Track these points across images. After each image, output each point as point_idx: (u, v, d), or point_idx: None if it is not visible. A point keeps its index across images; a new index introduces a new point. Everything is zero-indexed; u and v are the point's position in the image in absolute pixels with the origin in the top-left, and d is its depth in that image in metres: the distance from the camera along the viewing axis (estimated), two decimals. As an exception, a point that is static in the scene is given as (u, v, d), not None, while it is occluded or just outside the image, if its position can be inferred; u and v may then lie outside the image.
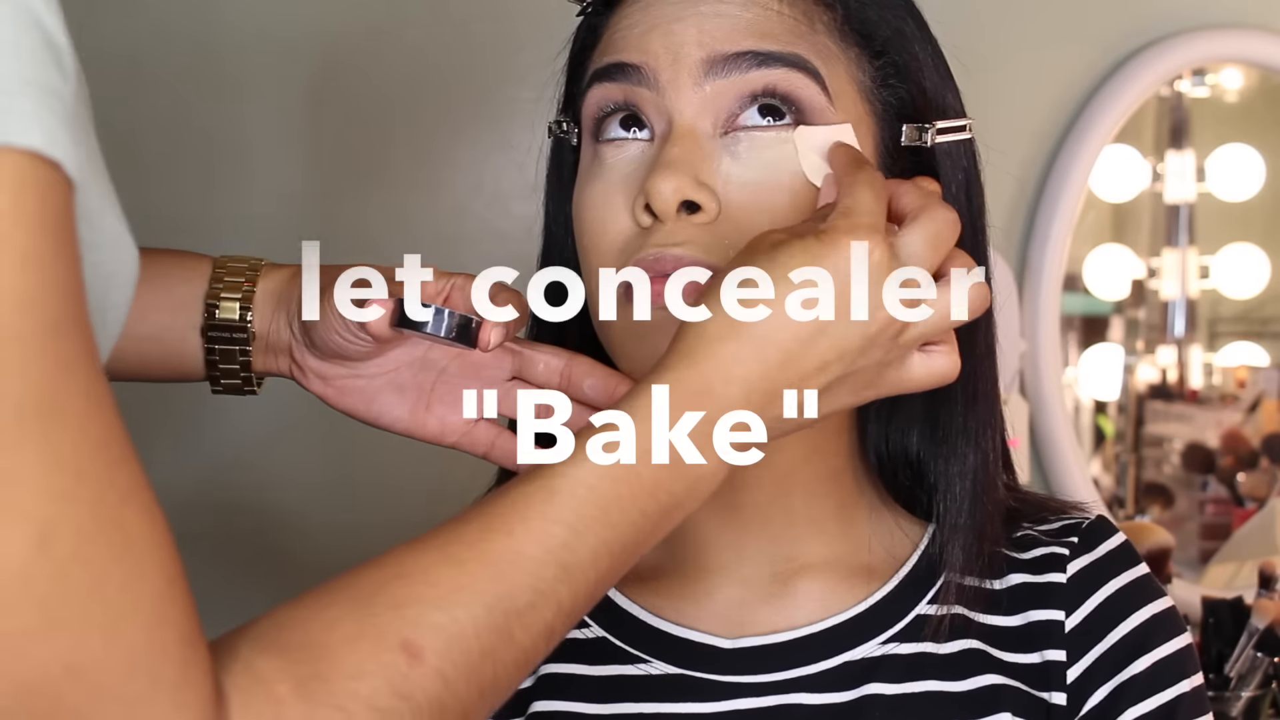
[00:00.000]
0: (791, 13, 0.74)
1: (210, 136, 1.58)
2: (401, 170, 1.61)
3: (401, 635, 0.53)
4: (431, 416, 0.79)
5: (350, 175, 1.61)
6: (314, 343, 0.78)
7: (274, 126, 1.58)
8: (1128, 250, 1.97)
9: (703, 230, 0.71)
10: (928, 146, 0.76)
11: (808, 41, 0.74)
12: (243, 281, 0.81)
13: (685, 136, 0.72)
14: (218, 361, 0.81)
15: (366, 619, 0.53)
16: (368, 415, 0.80)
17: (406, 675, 0.53)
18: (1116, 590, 0.79)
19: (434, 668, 0.53)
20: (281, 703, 0.50)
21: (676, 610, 0.80)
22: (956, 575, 0.78)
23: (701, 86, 0.73)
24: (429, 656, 0.53)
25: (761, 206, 0.72)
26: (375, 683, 0.52)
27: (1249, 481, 1.96)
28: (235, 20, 1.57)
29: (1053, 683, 0.78)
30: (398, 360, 0.79)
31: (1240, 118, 2.02)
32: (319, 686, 0.51)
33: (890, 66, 0.76)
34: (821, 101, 0.73)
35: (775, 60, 0.73)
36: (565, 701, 0.78)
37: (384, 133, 1.61)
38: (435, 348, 0.79)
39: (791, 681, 0.77)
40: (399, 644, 0.53)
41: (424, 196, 1.62)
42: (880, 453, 0.83)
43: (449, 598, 0.55)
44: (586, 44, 0.80)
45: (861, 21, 0.76)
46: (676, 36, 0.73)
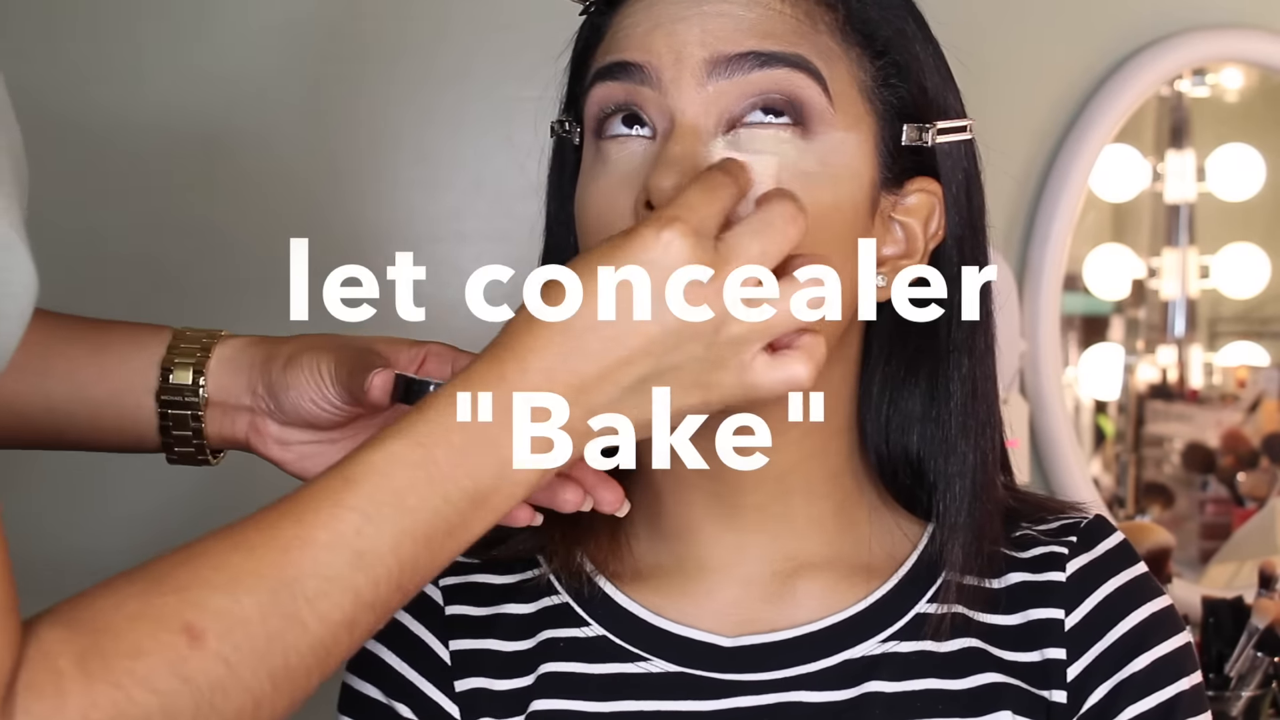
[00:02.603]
0: (794, 13, 0.74)
1: (209, 135, 1.57)
2: (402, 169, 1.61)
3: (184, 617, 0.54)
4: None
5: (350, 174, 1.61)
6: (281, 408, 0.79)
7: (274, 125, 1.58)
8: (1128, 250, 1.97)
9: None
10: (928, 146, 0.76)
11: (810, 42, 0.74)
12: (197, 348, 0.82)
13: (687, 134, 0.72)
14: (171, 427, 0.82)
15: (152, 600, 0.54)
16: None
17: (186, 657, 0.53)
18: (1116, 589, 0.79)
19: (215, 651, 0.54)
20: (62, 675, 0.51)
21: (677, 609, 0.80)
22: (956, 574, 0.79)
23: (704, 86, 0.73)
24: (210, 639, 0.54)
25: None
26: (154, 662, 0.52)
27: (1249, 481, 1.96)
28: (234, 16, 1.57)
29: (1052, 681, 0.78)
30: (362, 425, 0.80)
31: (1240, 118, 2.02)
32: (99, 663, 0.51)
33: (891, 66, 0.76)
34: (823, 102, 0.73)
35: (777, 61, 0.73)
36: (565, 700, 0.78)
37: (384, 132, 1.61)
38: (401, 410, 0.79)
39: (791, 680, 0.78)
40: (180, 626, 0.53)
41: (425, 196, 1.62)
42: (880, 452, 0.83)
43: (234, 582, 0.55)
44: (589, 43, 0.80)
45: (863, 21, 0.76)
46: (679, 36, 0.73)
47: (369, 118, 1.61)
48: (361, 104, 1.61)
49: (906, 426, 0.81)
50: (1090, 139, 1.79)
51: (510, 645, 0.80)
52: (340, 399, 0.76)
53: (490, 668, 0.79)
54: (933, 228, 0.78)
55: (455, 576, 0.82)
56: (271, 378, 0.79)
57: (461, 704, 0.79)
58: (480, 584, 0.82)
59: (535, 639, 0.80)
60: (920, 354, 0.80)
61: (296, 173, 1.59)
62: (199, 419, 0.81)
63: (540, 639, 0.80)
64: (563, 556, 0.81)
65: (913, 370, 0.81)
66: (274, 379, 0.79)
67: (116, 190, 1.54)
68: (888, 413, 0.81)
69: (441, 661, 0.80)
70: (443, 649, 0.80)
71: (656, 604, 0.80)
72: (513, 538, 0.82)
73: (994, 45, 1.75)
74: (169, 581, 0.55)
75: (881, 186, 0.76)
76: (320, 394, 0.76)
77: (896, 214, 0.77)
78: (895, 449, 0.82)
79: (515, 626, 0.81)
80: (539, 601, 0.81)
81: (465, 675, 0.79)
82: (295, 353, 0.77)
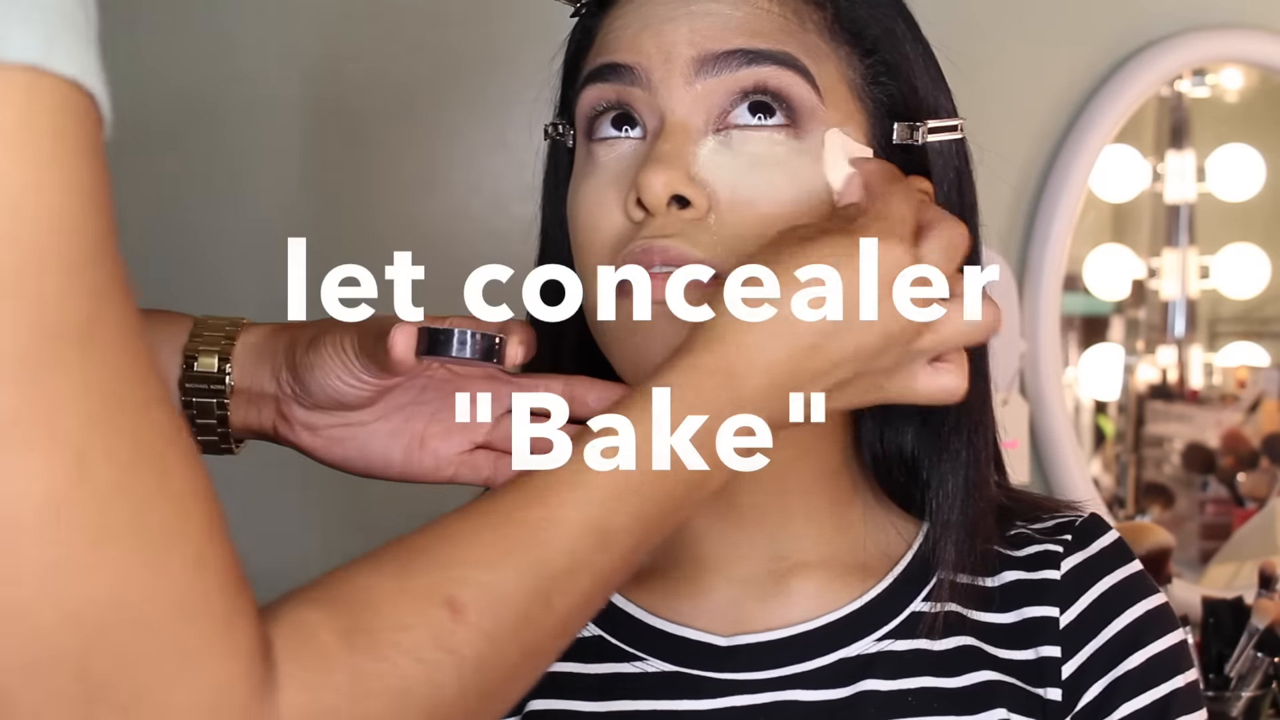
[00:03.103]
0: (782, 11, 0.74)
1: (206, 134, 1.58)
2: (400, 171, 1.61)
3: (445, 592, 0.54)
4: (426, 454, 0.79)
5: (349, 176, 1.61)
6: (308, 391, 0.78)
7: (273, 127, 1.58)
8: (1128, 250, 1.97)
9: (692, 225, 0.72)
10: (919, 145, 0.77)
11: (798, 40, 0.74)
12: (221, 336, 0.81)
13: (677, 132, 0.73)
14: (195, 416, 0.81)
15: (411, 577, 0.54)
16: (361, 463, 0.79)
17: (452, 630, 0.53)
18: (1110, 587, 0.79)
19: (476, 624, 0.54)
20: (327, 652, 0.50)
21: (672, 608, 0.80)
22: (949, 572, 0.79)
23: (693, 85, 0.73)
24: (471, 613, 0.54)
25: (751, 204, 0.72)
26: (419, 635, 0.53)
27: (1249, 481, 1.96)
28: (232, 14, 1.57)
29: (1048, 678, 0.78)
30: (391, 404, 0.79)
31: (1240, 118, 2.02)
32: (364, 638, 0.51)
33: (881, 65, 0.76)
34: (812, 100, 0.73)
35: (765, 58, 0.73)
36: (562, 700, 0.78)
37: (382, 133, 1.61)
38: (429, 388, 0.79)
39: (787, 678, 0.78)
40: (443, 600, 0.54)
41: (422, 197, 1.63)
42: (875, 451, 0.83)
43: (491, 559, 0.56)
44: (581, 45, 0.80)
45: (851, 20, 0.76)
46: (668, 36, 0.74)
47: (369, 117, 1.62)
48: (361, 104, 1.61)
49: (901, 425, 0.81)
50: (1090, 139, 1.79)
51: (506, 644, 0.80)
52: (367, 371, 0.75)
53: (486, 667, 0.79)
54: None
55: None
56: (296, 360, 0.79)
57: (457, 703, 0.79)
58: (476, 583, 0.82)
59: (531, 638, 0.80)
60: None
61: (296, 172, 1.59)
62: (224, 406, 0.80)
63: (536, 638, 0.80)
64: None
65: None
66: (298, 361, 0.78)
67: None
68: (882, 411, 0.81)
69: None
70: (439, 648, 0.80)
71: (652, 603, 0.80)
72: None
73: (994, 45, 1.75)
74: (424, 559, 0.55)
75: None
76: (346, 369, 0.76)
77: None
78: (890, 448, 0.82)
79: (511, 626, 0.80)
80: (535, 601, 0.81)
81: (461, 675, 0.79)
82: (318, 333, 0.76)
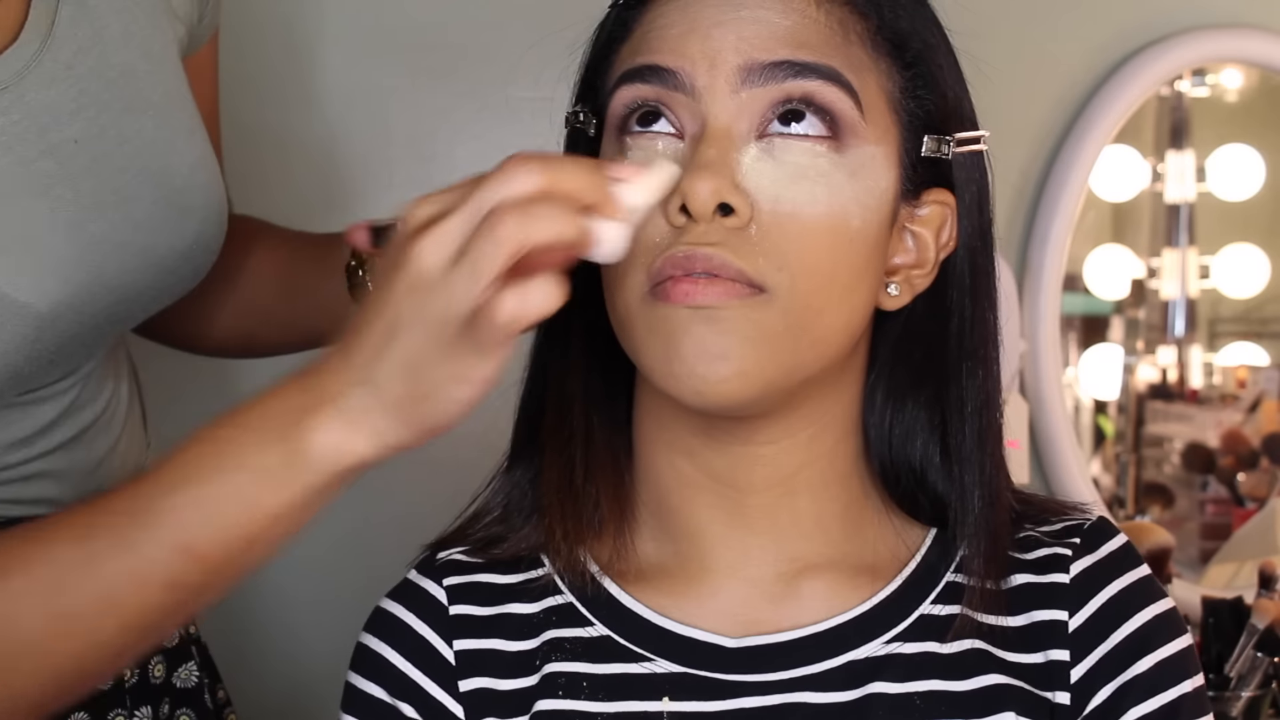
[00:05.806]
0: (828, 21, 0.74)
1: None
2: (401, 171, 1.61)
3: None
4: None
5: (350, 176, 1.61)
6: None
7: (272, 125, 1.58)
8: (1128, 250, 1.97)
9: (734, 234, 0.72)
10: (946, 158, 0.77)
11: (842, 54, 0.74)
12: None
13: (720, 138, 0.73)
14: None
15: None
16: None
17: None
18: (1119, 591, 0.80)
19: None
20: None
21: (681, 609, 0.80)
22: (979, 580, 0.78)
23: (737, 93, 0.73)
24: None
25: (793, 216, 0.72)
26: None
27: (1249, 481, 1.96)
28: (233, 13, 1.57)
29: (1056, 682, 0.78)
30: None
31: (1240, 118, 2.02)
32: None
33: (920, 78, 0.77)
34: (854, 115, 0.73)
35: (810, 72, 0.73)
36: (569, 700, 0.78)
37: (383, 133, 1.61)
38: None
39: (795, 681, 0.78)
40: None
41: (424, 195, 1.62)
42: (883, 457, 0.83)
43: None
44: (614, 36, 0.79)
45: (894, 32, 0.76)
46: (715, 42, 0.73)
47: (368, 117, 1.61)
48: (360, 104, 1.61)
49: (910, 433, 0.82)
50: (1090, 139, 1.79)
51: (514, 645, 0.80)
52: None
53: (494, 668, 0.79)
54: (944, 238, 0.78)
55: (459, 576, 0.82)
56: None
57: (466, 704, 0.79)
58: (484, 584, 0.82)
59: (539, 639, 0.80)
60: (928, 362, 0.80)
61: (295, 172, 1.59)
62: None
63: (544, 639, 0.80)
64: (566, 556, 0.81)
65: (918, 379, 0.81)
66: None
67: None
68: (891, 419, 0.82)
69: (446, 661, 0.80)
70: (447, 649, 0.80)
71: (661, 604, 0.80)
72: (513, 537, 0.82)
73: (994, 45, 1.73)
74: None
75: (900, 198, 0.77)
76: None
77: (910, 224, 0.78)
78: (898, 455, 0.82)
79: (519, 626, 0.81)
80: (543, 601, 0.81)
81: (469, 675, 0.79)
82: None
